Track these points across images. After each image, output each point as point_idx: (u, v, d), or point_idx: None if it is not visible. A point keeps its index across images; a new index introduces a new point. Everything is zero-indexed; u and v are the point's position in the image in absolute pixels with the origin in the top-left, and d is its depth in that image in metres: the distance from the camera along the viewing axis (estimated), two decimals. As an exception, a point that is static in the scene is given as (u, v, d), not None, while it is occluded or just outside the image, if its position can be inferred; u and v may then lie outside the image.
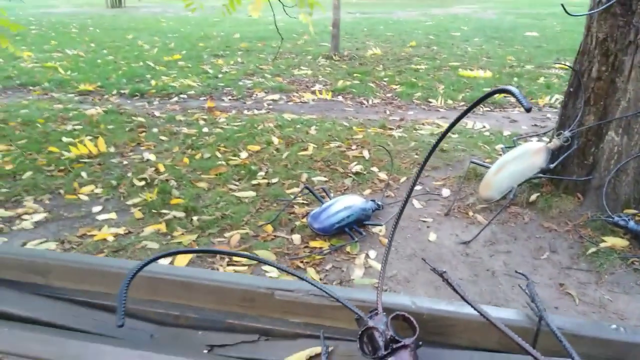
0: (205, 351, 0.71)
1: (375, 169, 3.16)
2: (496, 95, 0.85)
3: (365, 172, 3.10)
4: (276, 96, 5.32)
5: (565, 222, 2.36)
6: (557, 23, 11.02)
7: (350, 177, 3.04)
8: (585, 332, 0.65)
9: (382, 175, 3.04)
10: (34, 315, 0.76)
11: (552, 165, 2.37)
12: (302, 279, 0.70)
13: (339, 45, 7.56)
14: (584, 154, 2.39)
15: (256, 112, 4.68)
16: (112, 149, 3.53)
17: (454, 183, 2.90)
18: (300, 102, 5.14)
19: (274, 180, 2.97)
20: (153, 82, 5.73)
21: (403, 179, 3.01)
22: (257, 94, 5.42)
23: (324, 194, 2.52)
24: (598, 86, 2.27)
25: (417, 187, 2.90)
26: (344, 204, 2.32)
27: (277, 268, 0.72)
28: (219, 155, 3.42)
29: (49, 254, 0.85)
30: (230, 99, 5.21)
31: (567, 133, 2.37)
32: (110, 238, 2.31)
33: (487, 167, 2.52)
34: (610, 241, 2.15)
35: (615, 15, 2.12)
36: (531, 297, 0.69)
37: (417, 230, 2.41)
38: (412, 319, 0.63)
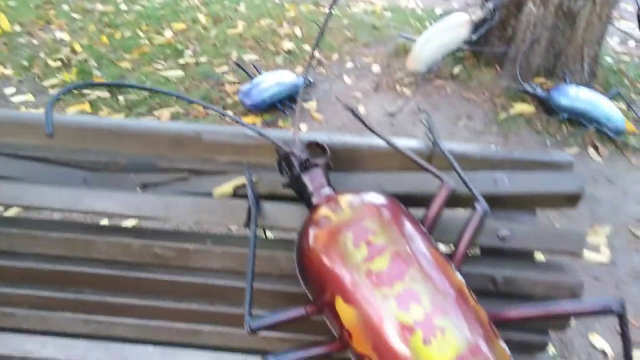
0: (139, 189, 0.77)
1: (307, 46, 3.12)
2: None
3: (297, 50, 3.05)
4: (200, -30, 4.87)
5: (483, 93, 2.53)
6: None
7: (282, 55, 2.99)
8: (472, 153, 0.76)
9: (315, 53, 3.02)
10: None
11: (474, 37, 2.46)
12: (224, 114, 0.75)
13: None
14: (504, 27, 2.49)
15: (179, -13, 4.30)
16: (17, 28, 3.19)
17: (384, 59, 2.95)
18: (227, -23, 4.76)
19: (203, 60, 2.86)
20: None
21: (335, 56, 3.01)
22: (178, -32, 4.92)
23: (255, 71, 2.49)
24: (522, -45, 2.30)
25: (349, 65, 2.93)
26: (275, 80, 2.32)
27: (205, 107, 0.76)
28: (141, 34, 3.19)
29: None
30: (148, -27, 4.71)
31: (490, 5, 2.44)
32: (31, 121, 2.20)
33: (415, 41, 2.57)
34: (519, 108, 2.36)
35: None
36: (428, 128, 0.79)
37: (347, 104, 2.49)
38: (324, 144, 0.71)
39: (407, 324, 0.51)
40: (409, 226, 0.58)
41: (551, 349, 1.30)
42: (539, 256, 0.74)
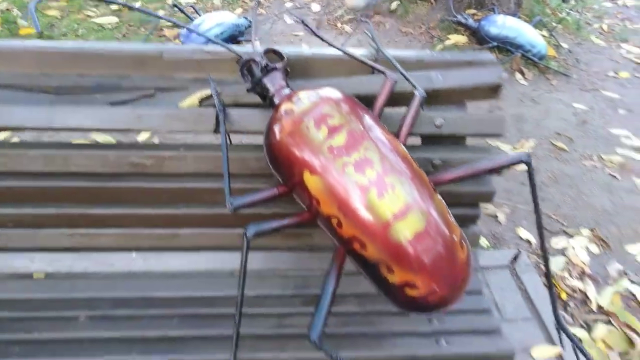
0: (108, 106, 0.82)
1: (243, -11, 3.07)
2: None
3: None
4: None
5: (420, 26, 2.65)
6: None
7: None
8: (409, 57, 0.86)
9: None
10: None
11: (408, -29, 2.54)
12: (157, 16, 0.80)
13: None
14: (436, -41, 2.58)
15: None
16: None
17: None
18: None
19: (137, 4, 2.76)
20: None
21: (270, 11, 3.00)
22: None
23: (194, 13, 2.45)
24: None
25: (288, 4, 2.93)
26: (215, 21, 2.30)
27: (175, 24, 0.81)
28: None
29: None
30: None
31: (422, -63, 2.51)
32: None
33: (352, -24, 2.62)
34: (454, 38, 2.50)
35: None
36: (371, 36, 0.88)
37: (290, 44, 2.53)
38: (280, 51, 0.79)
39: (363, 184, 0.62)
40: (359, 110, 0.68)
41: (485, 242, 1.50)
42: (469, 141, 0.87)
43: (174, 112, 0.79)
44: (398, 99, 0.81)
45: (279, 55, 0.79)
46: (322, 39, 0.82)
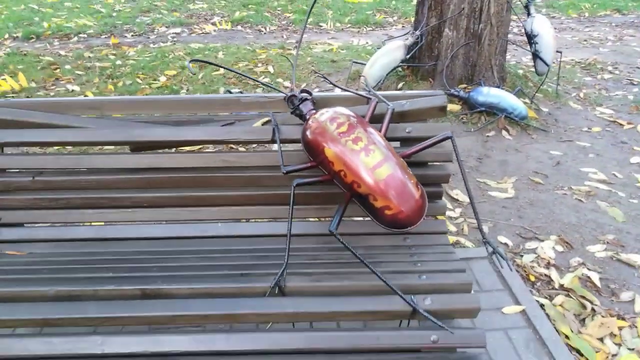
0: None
1: (280, 79, 3.82)
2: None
3: (272, 83, 3.73)
4: (178, 30, 5.62)
5: (422, 100, 3.25)
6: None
7: (260, 87, 3.66)
8: (391, 95, 1.40)
9: (287, 83, 3.71)
10: None
11: (408, 56, 3.20)
12: (260, 82, 1.37)
13: (230, -22, 7.78)
14: (431, 47, 3.25)
15: (162, 44, 5.00)
16: (33, 84, 3.77)
17: (342, 83, 3.66)
18: (202, 33, 5.52)
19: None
20: (45, 24, 5.69)
21: (303, 85, 3.71)
22: (158, 29, 5.66)
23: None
24: (436, -4, 3.09)
25: (315, 91, 3.62)
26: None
27: (253, 80, 1.38)
28: (140, 81, 3.83)
29: None
30: (132, 35, 5.42)
31: (417, 32, 3.20)
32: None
33: (364, 64, 3.29)
34: (450, 107, 3.07)
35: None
36: (365, 84, 1.44)
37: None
38: (309, 90, 1.34)
39: (357, 150, 1.12)
40: (355, 115, 1.20)
41: (470, 244, 1.91)
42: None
43: (249, 129, 1.33)
44: (379, 115, 1.33)
45: (309, 92, 1.34)
46: (336, 86, 1.36)
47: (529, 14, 3.35)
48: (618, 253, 1.86)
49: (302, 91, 1.34)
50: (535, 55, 3.33)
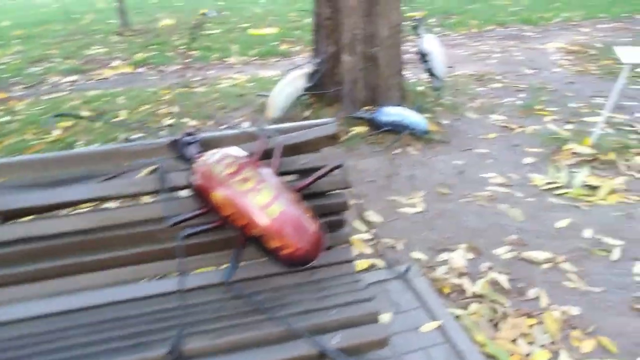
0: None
1: (186, 119, 3.70)
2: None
3: (178, 123, 3.61)
4: (73, 77, 5.33)
5: (329, 125, 3.29)
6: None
7: (164, 130, 3.53)
8: (284, 128, 1.38)
9: (193, 122, 3.61)
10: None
11: (312, 84, 3.25)
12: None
13: (129, 21, 7.57)
14: (332, 73, 3.32)
15: (55, 95, 4.70)
16: None
17: (250, 116, 3.62)
18: (102, 79, 5.27)
19: (94, 147, 3.29)
20: None
21: (211, 122, 3.63)
22: (51, 79, 5.33)
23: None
24: (330, 24, 3.18)
25: (223, 127, 3.55)
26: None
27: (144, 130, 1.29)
28: (30, 137, 3.54)
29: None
30: (22, 88, 5.05)
31: (316, 60, 3.26)
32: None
33: (268, 96, 3.29)
34: (356, 130, 3.14)
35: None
36: (262, 127, 1.40)
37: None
38: (193, 133, 1.28)
39: (245, 191, 1.07)
40: (243, 155, 1.16)
41: (381, 263, 1.92)
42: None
43: (132, 181, 1.24)
44: (269, 151, 1.30)
45: (192, 135, 1.28)
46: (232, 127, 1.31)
47: (418, 35, 3.55)
48: (521, 252, 1.95)
49: (186, 134, 1.28)
50: (429, 72, 3.52)
